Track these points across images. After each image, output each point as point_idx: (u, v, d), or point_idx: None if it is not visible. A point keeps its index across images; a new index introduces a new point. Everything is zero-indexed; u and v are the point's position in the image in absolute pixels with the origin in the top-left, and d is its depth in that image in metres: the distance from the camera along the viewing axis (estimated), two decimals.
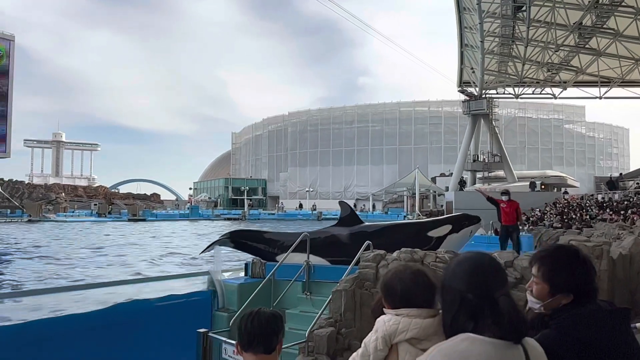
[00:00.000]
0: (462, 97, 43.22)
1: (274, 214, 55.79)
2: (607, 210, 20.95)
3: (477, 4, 27.36)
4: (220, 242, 9.65)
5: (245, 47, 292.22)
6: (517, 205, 10.59)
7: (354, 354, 2.03)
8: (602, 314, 1.64)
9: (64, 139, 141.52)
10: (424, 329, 1.81)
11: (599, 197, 26.95)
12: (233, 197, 75.45)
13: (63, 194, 65.07)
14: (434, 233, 8.72)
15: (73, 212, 53.68)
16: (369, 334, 1.96)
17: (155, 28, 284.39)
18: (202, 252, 10.05)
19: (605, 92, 34.95)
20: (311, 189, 69.69)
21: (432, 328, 1.80)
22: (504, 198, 10.55)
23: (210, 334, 5.73)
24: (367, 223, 9.82)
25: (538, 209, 26.14)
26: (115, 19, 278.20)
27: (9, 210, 48.02)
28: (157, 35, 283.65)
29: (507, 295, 1.47)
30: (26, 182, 70.75)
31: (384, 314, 1.98)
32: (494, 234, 16.01)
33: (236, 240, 9.75)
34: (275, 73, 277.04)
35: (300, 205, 63.83)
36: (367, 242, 6.99)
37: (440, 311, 1.90)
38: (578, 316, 1.62)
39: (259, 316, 1.95)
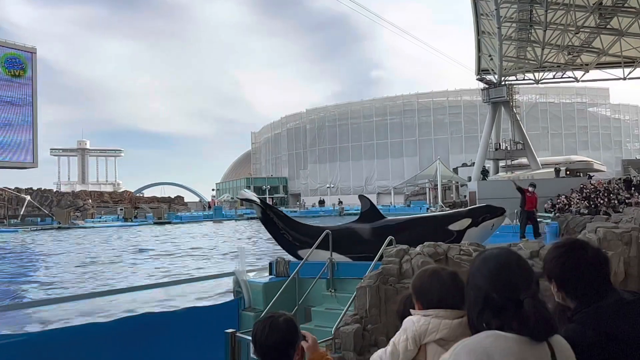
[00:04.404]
0: (481, 85, 42.58)
1: (296, 211, 56.05)
2: (636, 193, 20.45)
3: None
4: (254, 203, 10.18)
5: (258, 47, 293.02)
6: (537, 196, 13.05)
7: (381, 351, 2.04)
8: (625, 304, 1.63)
9: (88, 146, 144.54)
10: (453, 330, 1.83)
11: (632, 177, 26.09)
12: None
13: (90, 200, 66.45)
14: (454, 226, 8.67)
15: (100, 217, 54.82)
16: (397, 334, 1.97)
17: (169, 33, 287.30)
18: (239, 199, 10.91)
19: (630, 73, 34.02)
20: (332, 185, 69.71)
21: (460, 329, 1.81)
22: (530, 189, 12.72)
23: (237, 334, 5.81)
24: (388, 217, 9.81)
25: (564, 196, 25.62)
26: (130, 26, 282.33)
27: (39, 219, 49.34)
28: (171, 40, 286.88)
29: (532, 297, 1.45)
30: (54, 190, 72.49)
31: (409, 314, 2.00)
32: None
33: (265, 212, 9.97)
34: (289, 71, 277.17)
35: (322, 202, 63.81)
36: (390, 237, 6.98)
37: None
38: (601, 308, 1.61)
39: (271, 328, 1.87)
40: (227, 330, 5.83)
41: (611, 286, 1.70)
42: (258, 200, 10.13)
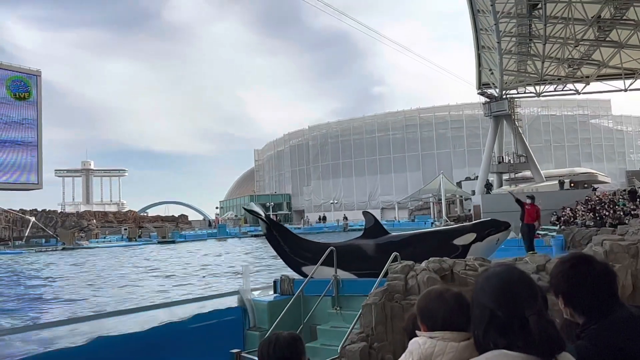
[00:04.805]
0: (483, 99, 42.76)
1: (300, 227, 55.92)
2: None
3: (492, 5, 27.16)
4: (259, 218, 10.26)
5: (260, 66, 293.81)
6: (539, 209, 12.68)
7: None
8: (634, 319, 1.61)
9: (92, 167, 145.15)
10: (459, 352, 1.78)
11: (637, 188, 25.94)
12: None
13: (94, 220, 66.45)
14: (459, 241, 8.62)
15: (105, 237, 54.83)
16: (403, 356, 1.92)
17: (171, 53, 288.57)
18: (246, 210, 11.17)
19: (631, 84, 34.10)
20: (335, 201, 69.66)
21: (467, 351, 1.76)
22: (529, 201, 12.53)
23: (243, 354, 5.77)
24: (392, 233, 9.77)
25: (569, 208, 25.50)
26: (132, 47, 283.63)
27: (43, 240, 49.40)
28: (174, 60, 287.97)
29: (538, 314, 1.42)
30: (59, 211, 72.61)
31: (416, 334, 1.96)
32: None
33: (270, 229, 9.97)
34: (291, 88, 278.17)
35: (324, 218, 63.69)
36: (395, 253, 6.95)
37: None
38: (608, 324, 1.60)
39: (276, 344, 1.90)
40: (232, 350, 5.79)
41: (619, 301, 1.68)
42: (263, 215, 10.15)
